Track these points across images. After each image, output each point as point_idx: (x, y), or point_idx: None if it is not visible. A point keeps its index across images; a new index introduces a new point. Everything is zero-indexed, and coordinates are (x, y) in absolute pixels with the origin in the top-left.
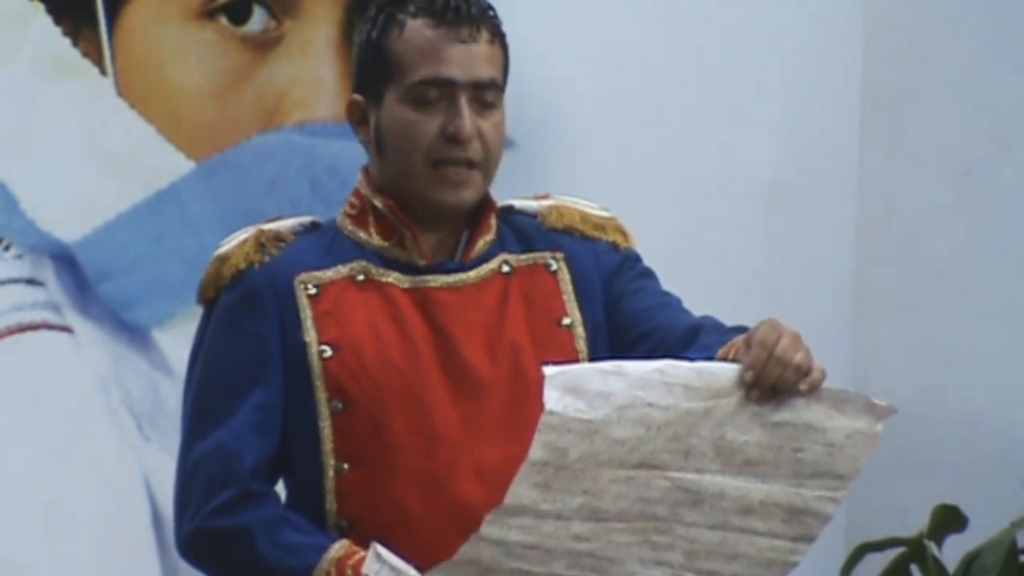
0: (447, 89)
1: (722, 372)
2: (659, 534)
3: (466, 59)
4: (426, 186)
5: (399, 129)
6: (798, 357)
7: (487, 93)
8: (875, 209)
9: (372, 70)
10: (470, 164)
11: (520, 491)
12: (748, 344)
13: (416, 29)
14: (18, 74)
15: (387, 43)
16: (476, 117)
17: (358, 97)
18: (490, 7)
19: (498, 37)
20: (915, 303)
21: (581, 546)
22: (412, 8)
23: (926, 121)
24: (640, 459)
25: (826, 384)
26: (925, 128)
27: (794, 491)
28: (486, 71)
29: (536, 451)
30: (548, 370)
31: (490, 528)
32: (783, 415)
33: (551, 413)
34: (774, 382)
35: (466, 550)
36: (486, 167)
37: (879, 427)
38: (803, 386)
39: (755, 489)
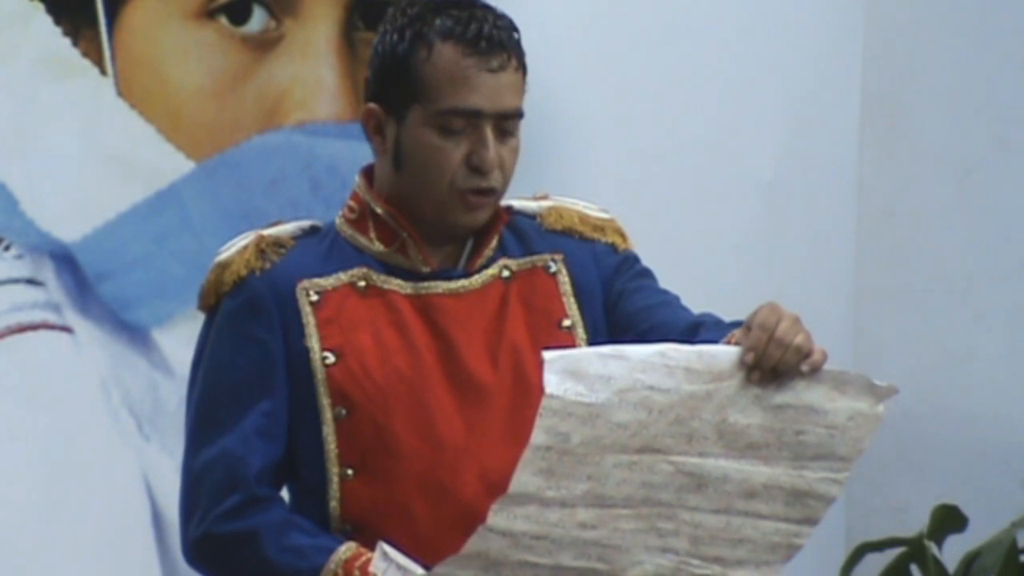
0: (473, 119)
1: (723, 355)
2: (664, 520)
3: (494, 90)
4: (444, 209)
5: (422, 153)
6: (798, 339)
7: (509, 123)
8: (875, 209)
9: (396, 85)
10: (490, 191)
11: (524, 478)
12: (748, 327)
13: (446, 54)
14: (18, 74)
15: (414, 62)
16: (498, 145)
17: (375, 106)
18: (515, 28)
19: (522, 60)
20: (915, 303)
21: (587, 534)
22: (441, 28)
23: (926, 121)
24: (643, 443)
25: (827, 366)
26: (925, 128)
27: (796, 473)
28: (512, 101)
29: (538, 436)
30: (548, 354)
31: (497, 518)
32: (784, 397)
33: (551, 397)
34: (775, 364)
35: (474, 542)
36: (501, 192)
37: (881, 408)
38: (804, 367)
39: (758, 472)
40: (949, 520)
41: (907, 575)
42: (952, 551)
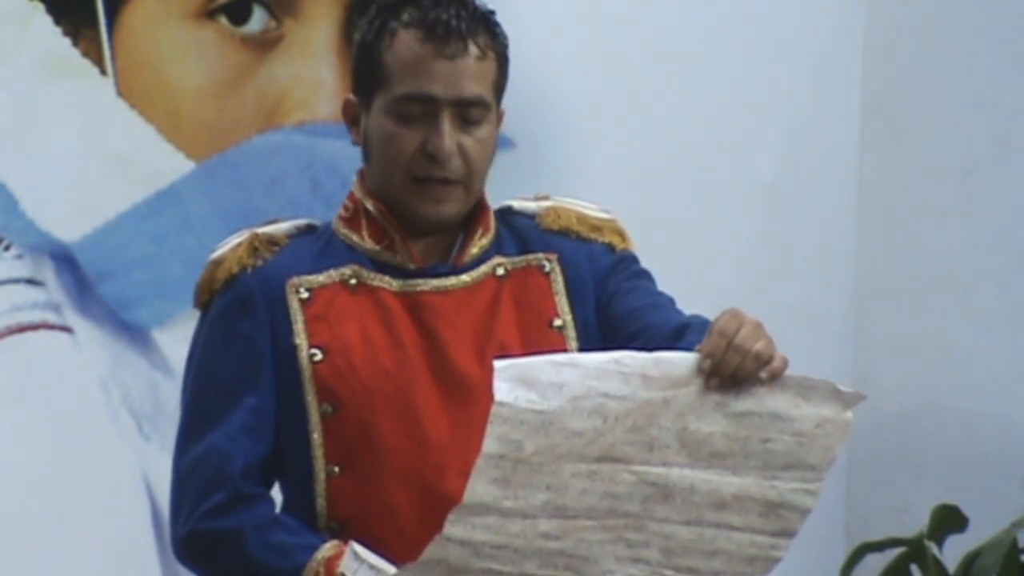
0: (429, 105)
1: (680, 361)
2: (633, 531)
3: (451, 76)
4: (407, 199)
5: (382, 140)
6: (758, 346)
7: (472, 111)
8: (875, 209)
9: (364, 74)
10: (449, 181)
11: (479, 488)
12: (709, 333)
13: (405, 40)
14: (18, 74)
15: (379, 50)
16: (458, 134)
17: (352, 97)
18: (486, 17)
19: (492, 50)
20: (915, 303)
21: (551, 545)
22: (406, 17)
23: (926, 121)
24: (601, 452)
25: (789, 372)
26: (925, 128)
27: (767, 484)
28: (471, 88)
29: (489, 444)
30: (498, 363)
31: (454, 528)
32: (746, 404)
33: (501, 404)
34: (733, 370)
35: (432, 550)
36: (468, 183)
37: (848, 414)
38: (763, 374)
39: (726, 482)
40: (949, 520)
41: (907, 575)
42: (952, 551)
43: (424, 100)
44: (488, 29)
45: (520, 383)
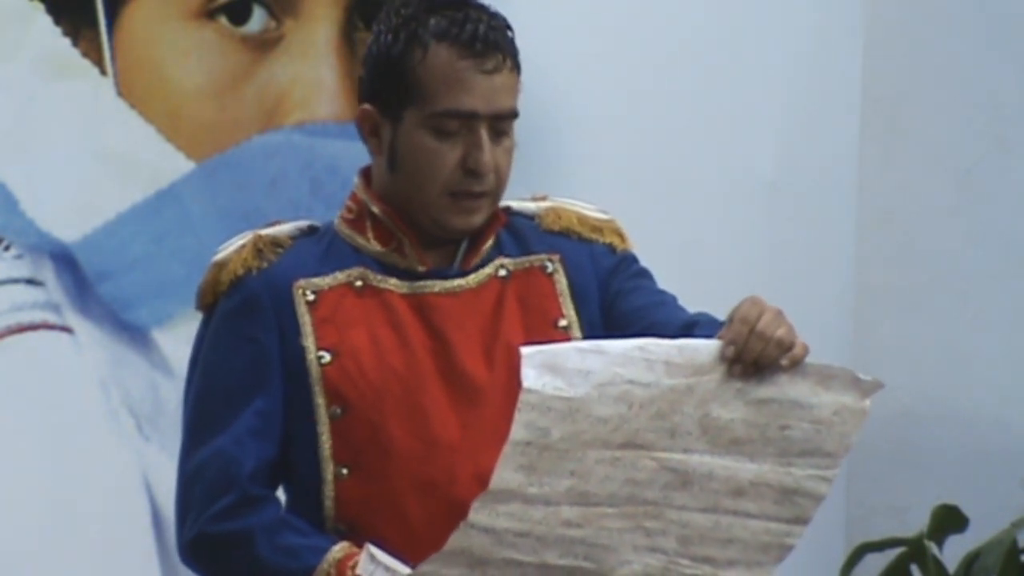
0: (469, 121)
1: (704, 348)
2: (651, 519)
3: (489, 91)
4: (439, 212)
5: (418, 155)
6: (780, 332)
7: (505, 123)
8: (875, 209)
9: (390, 87)
10: (483, 194)
11: (506, 474)
12: (730, 320)
13: (441, 56)
14: (18, 74)
15: (409, 64)
16: (493, 147)
17: (369, 108)
18: (508, 27)
19: (516, 60)
20: (915, 303)
21: (572, 532)
22: (436, 29)
23: (926, 121)
24: (625, 438)
25: (810, 360)
26: (925, 128)
27: (784, 470)
28: (507, 102)
29: (517, 431)
30: (525, 349)
31: (478, 515)
32: (768, 391)
33: (529, 391)
34: (756, 357)
35: (456, 539)
36: (496, 194)
37: (866, 403)
38: (785, 361)
39: (744, 469)
40: (949, 520)
41: (907, 575)
42: (952, 551)
43: (465, 116)
44: (511, 37)
45: (547, 370)
